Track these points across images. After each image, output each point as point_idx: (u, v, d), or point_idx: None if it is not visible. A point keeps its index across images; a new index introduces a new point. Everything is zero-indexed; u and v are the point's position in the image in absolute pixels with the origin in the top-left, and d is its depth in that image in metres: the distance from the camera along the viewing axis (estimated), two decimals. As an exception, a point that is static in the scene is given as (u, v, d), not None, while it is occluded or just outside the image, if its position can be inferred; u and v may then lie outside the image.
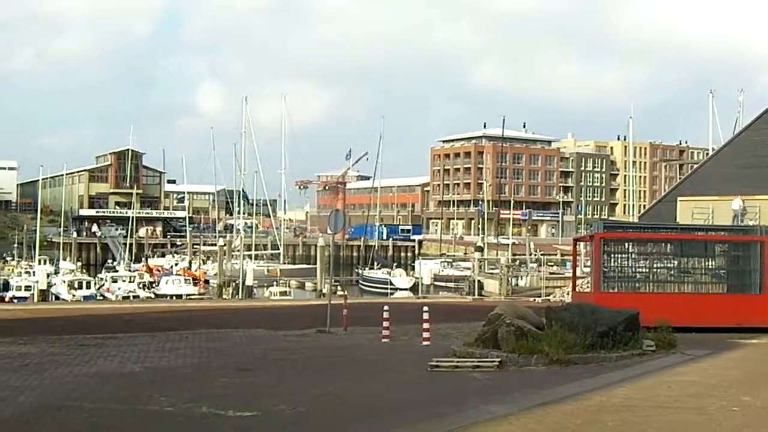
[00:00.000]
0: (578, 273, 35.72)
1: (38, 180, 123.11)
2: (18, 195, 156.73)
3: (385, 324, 24.51)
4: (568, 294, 46.49)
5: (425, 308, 23.79)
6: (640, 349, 18.67)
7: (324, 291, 70.72)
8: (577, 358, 17.48)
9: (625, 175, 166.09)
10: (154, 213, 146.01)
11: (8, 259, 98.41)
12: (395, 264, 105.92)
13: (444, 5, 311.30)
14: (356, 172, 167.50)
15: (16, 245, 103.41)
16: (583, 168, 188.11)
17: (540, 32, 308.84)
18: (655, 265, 28.74)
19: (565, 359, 17.30)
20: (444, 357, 18.50)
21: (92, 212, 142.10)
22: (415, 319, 25.52)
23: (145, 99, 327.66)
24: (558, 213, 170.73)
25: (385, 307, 25.19)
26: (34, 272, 78.94)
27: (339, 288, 67.38)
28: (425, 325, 23.09)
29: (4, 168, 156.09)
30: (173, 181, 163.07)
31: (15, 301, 64.49)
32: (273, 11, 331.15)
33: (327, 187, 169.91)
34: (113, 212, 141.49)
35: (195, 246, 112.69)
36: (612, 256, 27.89)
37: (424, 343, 22.39)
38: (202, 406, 13.49)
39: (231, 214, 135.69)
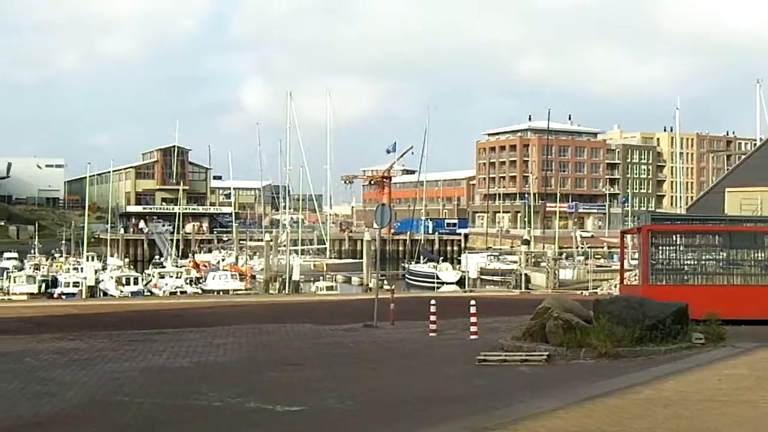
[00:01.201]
0: (626, 266, 35.34)
1: (86, 177, 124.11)
2: (66, 192, 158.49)
3: (432, 318, 24.41)
4: (615, 287, 46.22)
5: (472, 302, 23.67)
6: (689, 342, 18.49)
7: (370, 285, 70.82)
8: (625, 352, 17.34)
9: (672, 167, 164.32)
10: (201, 209, 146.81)
11: (57, 255, 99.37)
12: (441, 258, 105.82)
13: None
14: (401, 166, 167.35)
15: (64, 242, 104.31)
16: (629, 160, 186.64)
17: (585, 24, 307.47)
18: (703, 257, 28.39)
19: (614, 352, 17.18)
20: (492, 351, 18.42)
21: (139, 209, 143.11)
22: (462, 313, 25.44)
23: (191, 96, 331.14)
24: (604, 205, 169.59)
25: (432, 301, 25.07)
26: (82, 268, 79.60)
27: (385, 282, 67.42)
28: (472, 319, 22.99)
29: (52, 165, 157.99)
30: (219, 177, 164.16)
31: (63, 297, 65.17)
32: (317, 8, 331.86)
33: (372, 182, 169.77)
34: (160, 208, 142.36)
35: (241, 241, 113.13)
36: (660, 248, 27.61)
37: (472, 337, 22.31)
38: (251, 401, 13.56)
39: (277, 210, 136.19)
